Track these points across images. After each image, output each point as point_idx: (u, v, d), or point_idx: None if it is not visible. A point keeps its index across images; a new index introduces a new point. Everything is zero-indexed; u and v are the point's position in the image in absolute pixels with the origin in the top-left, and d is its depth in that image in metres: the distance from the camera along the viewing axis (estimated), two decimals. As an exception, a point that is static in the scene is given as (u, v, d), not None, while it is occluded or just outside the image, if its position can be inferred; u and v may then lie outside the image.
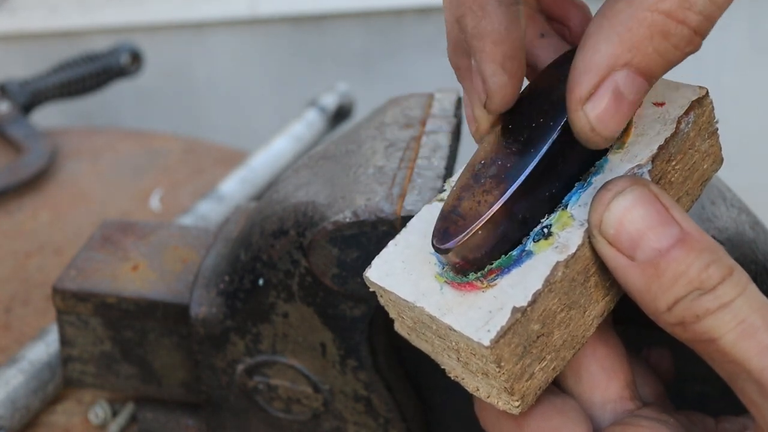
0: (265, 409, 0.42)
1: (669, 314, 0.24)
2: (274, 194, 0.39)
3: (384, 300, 0.29)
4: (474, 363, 0.26)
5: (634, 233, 0.24)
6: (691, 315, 0.24)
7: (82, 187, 0.80)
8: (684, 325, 0.24)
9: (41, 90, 0.89)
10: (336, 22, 1.16)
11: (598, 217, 0.25)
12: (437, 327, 0.26)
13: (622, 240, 0.25)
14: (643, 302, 0.25)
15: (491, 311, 0.25)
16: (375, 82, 1.17)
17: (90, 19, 1.17)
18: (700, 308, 0.24)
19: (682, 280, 0.24)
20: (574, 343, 0.26)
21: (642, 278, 0.24)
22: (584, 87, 0.24)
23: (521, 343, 0.25)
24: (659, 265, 0.24)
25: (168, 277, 0.44)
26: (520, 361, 0.25)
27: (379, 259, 0.29)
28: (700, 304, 0.24)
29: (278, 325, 0.39)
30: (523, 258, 0.26)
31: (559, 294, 0.25)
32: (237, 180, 0.74)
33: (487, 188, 0.26)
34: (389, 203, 0.34)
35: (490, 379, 0.26)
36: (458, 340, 0.25)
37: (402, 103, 0.42)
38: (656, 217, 0.24)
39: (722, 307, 0.24)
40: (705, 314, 0.24)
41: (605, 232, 0.25)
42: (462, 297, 0.26)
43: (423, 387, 0.42)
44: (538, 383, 0.26)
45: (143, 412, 0.48)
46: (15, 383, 0.49)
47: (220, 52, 1.20)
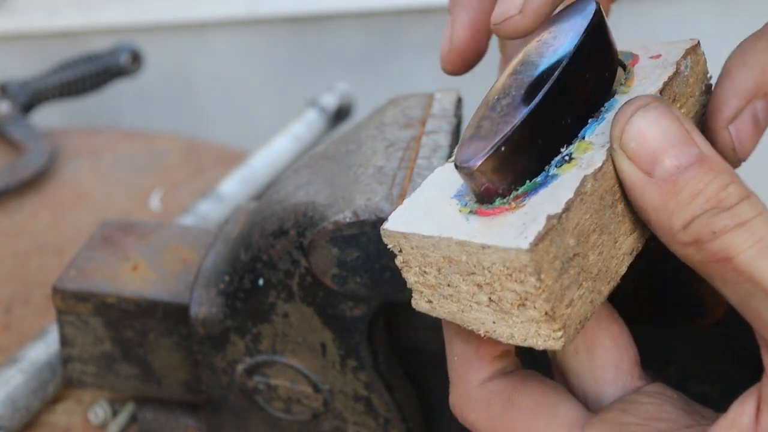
0: (265, 409, 0.42)
1: (684, 233, 0.24)
2: (274, 194, 0.39)
3: (404, 256, 0.27)
4: (508, 295, 0.25)
5: (654, 148, 0.24)
6: (708, 232, 0.23)
7: (82, 187, 0.80)
8: (699, 244, 0.24)
9: (41, 90, 0.89)
10: (336, 22, 1.16)
11: (620, 130, 0.25)
12: (467, 258, 0.25)
13: (641, 154, 0.24)
14: (658, 221, 0.25)
15: (524, 223, 0.24)
16: (375, 82, 1.17)
17: (90, 20, 1.17)
18: (718, 225, 0.23)
19: (700, 198, 0.24)
20: (608, 278, 0.26)
21: (659, 195, 0.24)
22: (731, 109, 0.27)
23: (559, 257, 0.24)
24: (677, 182, 0.24)
25: (168, 277, 0.44)
26: (559, 278, 0.24)
27: (395, 213, 0.28)
28: (718, 221, 0.23)
29: (278, 325, 0.39)
30: (548, 181, 0.26)
31: (590, 210, 0.25)
32: (237, 180, 0.74)
33: (506, 112, 0.26)
34: (389, 203, 0.34)
35: (527, 309, 0.25)
36: (492, 264, 0.24)
37: (402, 103, 0.42)
38: (677, 135, 0.24)
39: (740, 226, 0.23)
40: (722, 231, 0.23)
41: (625, 145, 0.25)
42: (491, 220, 0.25)
43: (423, 387, 0.42)
44: (578, 314, 0.25)
45: (143, 412, 0.48)
46: (15, 383, 0.49)
47: (220, 52, 1.20)
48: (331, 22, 1.16)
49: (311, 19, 1.16)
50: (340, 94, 0.91)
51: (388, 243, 0.28)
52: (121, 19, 1.16)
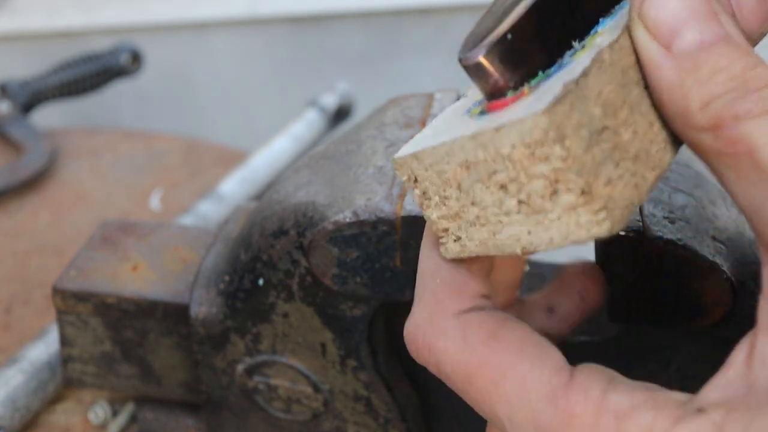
0: (265, 409, 0.42)
1: (701, 114, 0.21)
2: (274, 194, 0.39)
3: (420, 185, 0.25)
4: (537, 185, 0.22)
5: (676, 20, 0.22)
6: (729, 116, 0.20)
7: (82, 187, 0.80)
8: (717, 130, 0.21)
9: (41, 90, 0.89)
10: (336, 22, 1.16)
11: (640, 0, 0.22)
12: (485, 154, 0.23)
13: (661, 25, 0.22)
14: (672, 102, 0.22)
15: (539, 97, 0.22)
16: (375, 82, 1.17)
17: (90, 20, 1.17)
18: (741, 108, 0.20)
19: (723, 75, 0.21)
20: (652, 164, 0.23)
21: (676, 71, 0.22)
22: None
23: (584, 125, 0.22)
24: (698, 57, 0.21)
25: (168, 277, 0.44)
26: (589, 150, 0.22)
27: (405, 146, 0.26)
28: (742, 103, 0.20)
29: (278, 325, 0.39)
30: (561, 68, 0.23)
31: (613, 82, 0.23)
32: (237, 180, 0.74)
33: (507, 7, 0.24)
34: (389, 203, 0.34)
35: (560, 195, 0.22)
36: (511, 147, 0.22)
37: (402, 103, 0.42)
38: (703, 10, 0.22)
39: (765, 112, 0.20)
40: (746, 116, 0.20)
41: (645, 14, 0.22)
42: (504, 111, 0.23)
43: (423, 387, 0.42)
44: (622, 197, 0.23)
45: (143, 411, 0.48)
46: (15, 383, 0.49)
47: (220, 52, 1.20)
48: (331, 22, 1.16)
49: (311, 19, 1.16)
50: (340, 94, 0.91)
51: (401, 175, 0.25)
52: (121, 19, 1.16)
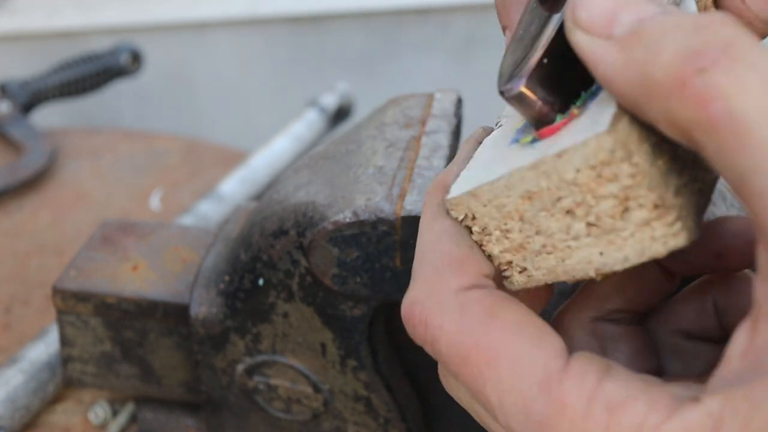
0: (265, 409, 0.42)
1: (663, 76, 0.18)
2: (274, 194, 0.39)
3: (479, 222, 0.24)
4: (606, 205, 0.21)
5: (608, 9, 0.20)
6: (693, 69, 0.18)
7: (82, 187, 0.80)
8: (684, 88, 0.18)
9: (41, 90, 0.89)
10: (336, 23, 1.16)
11: (570, 7, 0.21)
12: (547, 182, 0.22)
13: (595, 21, 0.20)
14: (627, 83, 0.19)
15: (594, 119, 0.21)
16: (375, 82, 1.17)
17: (90, 20, 1.17)
18: (706, 58, 0.18)
19: (675, 33, 0.18)
20: (705, 165, 0.22)
21: (622, 51, 0.19)
22: None
23: (644, 138, 0.21)
24: (641, 29, 0.19)
25: (168, 277, 0.44)
26: (654, 162, 0.21)
27: (454, 186, 0.25)
28: (705, 53, 0.18)
29: (278, 325, 0.39)
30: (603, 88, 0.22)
31: None
32: (237, 180, 0.74)
33: (535, 33, 0.24)
34: (389, 203, 0.34)
35: (633, 212, 0.21)
36: (576, 171, 0.21)
37: (402, 103, 0.42)
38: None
39: (736, 59, 0.17)
40: (713, 64, 0.17)
41: (578, 17, 0.20)
42: (558, 135, 0.23)
43: (423, 387, 0.42)
44: (691, 204, 0.22)
45: (143, 411, 0.48)
46: (15, 383, 0.49)
47: (220, 52, 1.20)
48: (331, 22, 1.16)
49: (311, 19, 1.16)
50: (340, 94, 0.91)
51: (457, 215, 0.25)
52: (121, 19, 1.16)
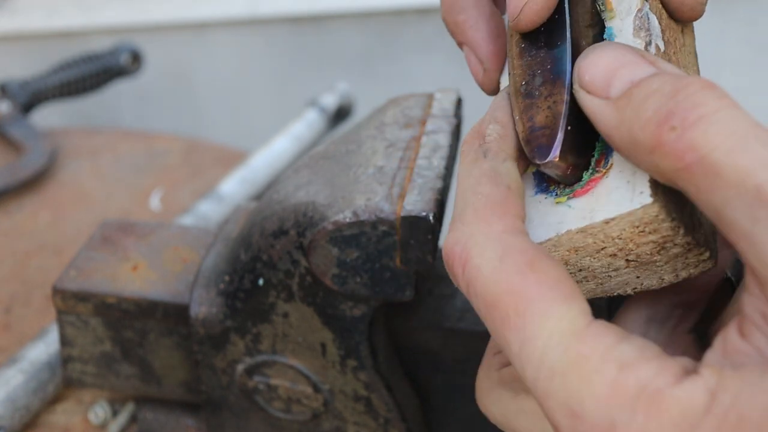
0: (265, 409, 0.42)
1: (644, 137, 0.21)
2: (274, 194, 0.39)
3: None
4: (646, 248, 0.24)
5: (607, 72, 0.23)
6: (668, 128, 0.21)
7: (82, 187, 0.80)
8: (662, 148, 0.21)
9: (41, 90, 0.89)
10: (336, 23, 1.16)
11: (576, 71, 0.24)
12: (593, 240, 0.25)
13: (596, 82, 0.23)
14: (621, 140, 0.23)
15: (628, 180, 0.24)
16: (375, 82, 1.17)
17: (90, 20, 1.17)
18: (677, 118, 0.21)
19: (656, 96, 0.22)
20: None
21: (615, 111, 0.22)
22: None
23: (676, 192, 0.23)
24: (631, 92, 0.22)
25: (168, 277, 0.44)
26: (683, 209, 0.24)
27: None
28: (677, 113, 0.21)
29: (278, 325, 0.39)
30: None
31: None
32: (237, 180, 0.74)
33: (547, 93, 0.26)
34: (389, 203, 0.34)
35: (668, 250, 0.24)
36: (621, 231, 0.24)
37: (402, 103, 0.42)
38: (630, 56, 0.23)
39: (704, 117, 0.21)
40: (684, 125, 0.21)
41: (581, 79, 0.24)
42: (593, 195, 0.25)
43: (423, 387, 0.42)
44: (710, 230, 0.25)
45: (143, 411, 0.48)
46: (15, 383, 0.49)
47: (220, 52, 1.21)
48: (330, 22, 1.16)
49: (311, 19, 1.16)
50: (340, 94, 0.91)
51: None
52: (121, 19, 1.16)
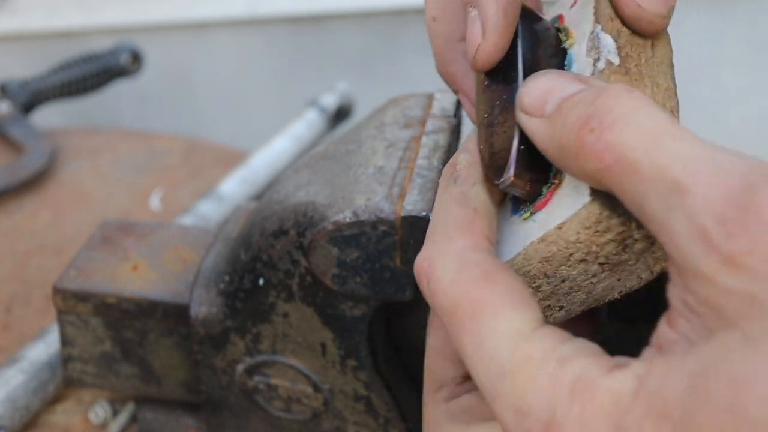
0: (266, 409, 0.42)
1: (569, 142, 0.23)
2: (274, 194, 0.39)
3: None
4: (609, 248, 0.25)
5: (542, 93, 0.25)
6: (587, 131, 0.23)
7: (82, 187, 0.80)
8: (585, 150, 0.23)
9: (42, 90, 0.89)
10: (336, 23, 1.16)
11: (518, 95, 0.26)
12: (556, 247, 0.26)
13: (533, 104, 0.25)
14: (555, 152, 0.24)
15: (575, 186, 0.26)
16: (375, 82, 1.17)
17: (90, 20, 1.17)
18: (594, 121, 0.23)
19: (578, 106, 0.23)
20: None
21: (548, 126, 0.24)
22: None
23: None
24: (561, 106, 0.24)
25: (168, 277, 0.44)
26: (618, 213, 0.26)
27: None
28: (594, 117, 0.23)
29: (278, 325, 0.39)
30: None
31: None
32: (237, 180, 0.74)
33: (503, 120, 0.28)
34: (389, 203, 0.34)
35: (632, 248, 0.26)
36: (576, 233, 0.25)
37: (402, 103, 0.42)
38: (564, 78, 0.25)
39: (619, 118, 0.22)
40: (601, 126, 0.22)
41: (522, 103, 0.25)
42: (549, 206, 0.27)
43: (423, 387, 0.42)
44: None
45: (143, 411, 0.48)
46: (15, 383, 0.49)
47: (220, 52, 1.21)
48: (331, 22, 1.16)
49: (311, 19, 1.16)
50: (340, 94, 0.91)
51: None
52: (121, 19, 1.16)
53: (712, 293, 0.21)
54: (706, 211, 0.20)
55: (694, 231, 0.21)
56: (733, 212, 0.20)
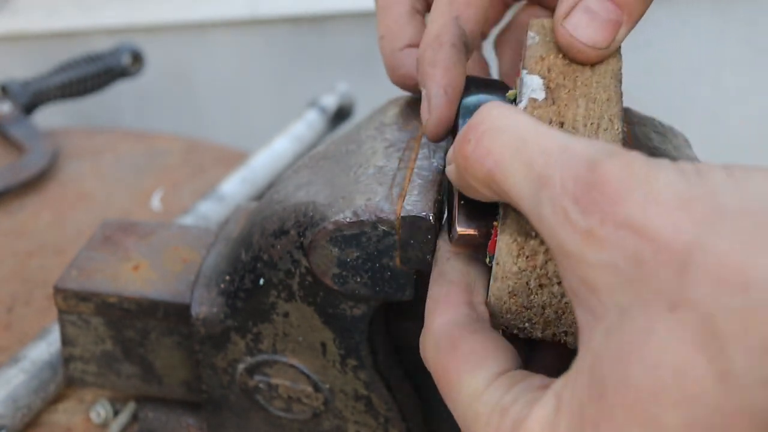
0: (266, 408, 0.42)
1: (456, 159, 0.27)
2: (274, 194, 0.39)
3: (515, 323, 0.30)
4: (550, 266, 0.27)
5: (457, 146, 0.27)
6: (466, 141, 0.26)
7: (83, 187, 0.80)
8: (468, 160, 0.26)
9: (43, 90, 0.89)
10: (336, 23, 1.16)
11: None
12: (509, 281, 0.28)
13: (449, 157, 0.29)
14: (456, 181, 0.28)
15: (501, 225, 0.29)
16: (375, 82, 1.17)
17: (91, 20, 1.17)
18: (472, 132, 0.26)
19: (464, 128, 0.27)
20: None
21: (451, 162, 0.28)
22: (563, 8, 0.31)
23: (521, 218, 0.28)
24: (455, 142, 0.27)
25: (169, 276, 0.44)
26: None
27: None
28: (471, 129, 0.26)
29: (279, 324, 0.39)
30: None
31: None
32: (237, 180, 0.74)
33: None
34: (389, 203, 0.34)
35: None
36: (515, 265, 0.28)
37: (402, 103, 0.42)
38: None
39: (492, 128, 0.25)
40: (477, 137, 0.25)
41: (448, 158, 0.29)
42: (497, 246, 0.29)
43: (423, 386, 0.42)
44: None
45: (144, 411, 0.48)
46: (16, 382, 0.49)
47: (220, 52, 1.21)
48: (331, 23, 1.16)
49: (311, 20, 1.16)
50: (341, 94, 0.91)
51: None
52: (121, 20, 1.16)
53: (584, 271, 0.22)
54: (565, 195, 0.22)
55: (558, 215, 0.22)
56: (583, 190, 0.22)
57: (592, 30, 0.31)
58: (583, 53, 0.31)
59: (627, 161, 0.22)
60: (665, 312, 0.20)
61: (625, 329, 0.21)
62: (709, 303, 0.19)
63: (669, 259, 0.20)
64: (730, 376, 0.19)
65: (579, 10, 0.31)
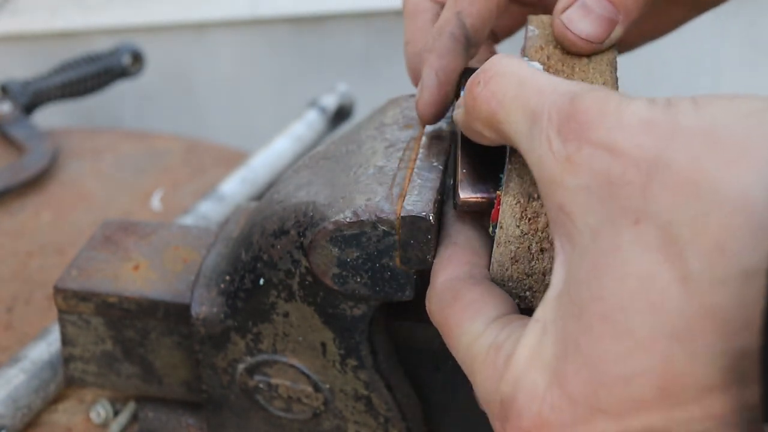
0: (266, 408, 0.42)
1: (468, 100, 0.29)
2: (274, 194, 0.39)
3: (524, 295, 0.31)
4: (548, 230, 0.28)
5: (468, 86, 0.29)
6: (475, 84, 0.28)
7: (83, 187, 0.80)
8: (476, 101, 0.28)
9: (43, 90, 0.89)
10: (336, 23, 1.16)
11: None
12: (512, 245, 0.29)
13: (459, 102, 0.31)
14: (464, 124, 0.30)
15: (505, 189, 0.30)
16: (375, 82, 1.17)
17: (91, 20, 1.17)
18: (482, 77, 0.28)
19: (475, 74, 0.29)
20: None
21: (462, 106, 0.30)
22: (562, 3, 0.33)
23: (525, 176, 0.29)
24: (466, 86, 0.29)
25: (169, 276, 0.44)
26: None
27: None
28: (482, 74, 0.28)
29: (279, 324, 0.39)
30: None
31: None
32: (237, 180, 0.74)
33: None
34: (389, 203, 0.34)
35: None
36: (518, 229, 0.29)
37: (402, 103, 0.42)
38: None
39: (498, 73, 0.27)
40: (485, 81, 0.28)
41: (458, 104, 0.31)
42: (500, 213, 0.30)
43: (423, 386, 0.42)
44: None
45: (144, 411, 0.48)
46: (17, 382, 0.49)
47: (220, 52, 1.21)
48: (331, 23, 1.16)
49: (311, 20, 1.16)
50: (341, 94, 0.91)
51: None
52: (122, 20, 1.16)
53: (562, 196, 0.24)
54: (550, 126, 0.24)
55: (544, 145, 0.24)
56: (564, 120, 0.24)
57: (585, 23, 0.32)
58: (575, 45, 0.33)
59: (604, 95, 0.24)
60: (631, 226, 0.22)
61: (597, 247, 0.22)
62: (667, 212, 0.21)
63: (633, 175, 0.22)
64: (689, 280, 0.20)
65: (576, 5, 0.33)
